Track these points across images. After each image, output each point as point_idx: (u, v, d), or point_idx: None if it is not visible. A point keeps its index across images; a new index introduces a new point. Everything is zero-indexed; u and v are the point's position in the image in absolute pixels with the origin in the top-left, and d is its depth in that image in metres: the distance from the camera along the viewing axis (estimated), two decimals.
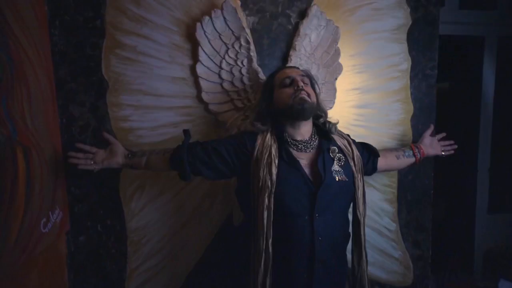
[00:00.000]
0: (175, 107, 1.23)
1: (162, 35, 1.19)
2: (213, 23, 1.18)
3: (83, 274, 1.20)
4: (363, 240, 1.01)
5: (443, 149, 1.28)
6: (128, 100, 1.19)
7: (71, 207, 1.17)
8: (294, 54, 1.26)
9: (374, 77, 1.38)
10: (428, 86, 1.43)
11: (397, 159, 1.19)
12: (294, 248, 0.90)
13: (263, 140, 0.95)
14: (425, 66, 1.42)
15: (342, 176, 0.94)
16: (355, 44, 1.35)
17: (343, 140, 1.03)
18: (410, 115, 1.43)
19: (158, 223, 1.25)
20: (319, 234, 0.89)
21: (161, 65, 1.20)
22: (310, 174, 0.93)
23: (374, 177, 1.41)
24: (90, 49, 1.15)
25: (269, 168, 0.90)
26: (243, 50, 1.21)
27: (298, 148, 0.96)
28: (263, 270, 0.89)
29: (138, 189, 1.23)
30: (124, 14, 1.16)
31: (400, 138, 1.42)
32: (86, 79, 1.15)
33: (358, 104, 1.38)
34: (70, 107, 1.15)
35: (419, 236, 1.49)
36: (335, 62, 1.31)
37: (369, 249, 1.41)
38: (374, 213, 1.44)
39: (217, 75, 1.23)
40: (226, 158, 0.96)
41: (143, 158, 1.03)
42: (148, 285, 1.26)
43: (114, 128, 1.19)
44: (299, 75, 0.98)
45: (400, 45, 1.40)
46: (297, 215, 0.90)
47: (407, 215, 1.47)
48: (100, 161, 1.02)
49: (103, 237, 1.21)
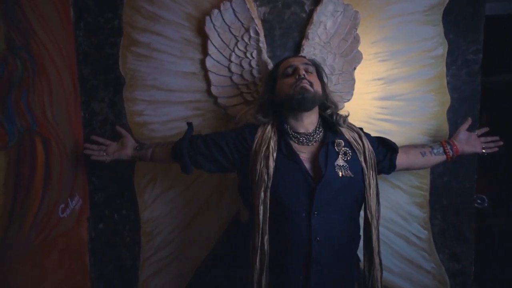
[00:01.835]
0: (185, 101, 1.25)
1: (173, 31, 1.22)
2: (222, 16, 1.17)
3: (101, 259, 1.29)
4: (375, 244, 0.90)
5: (484, 146, 1.08)
6: (142, 95, 1.24)
7: (92, 196, 1.26)
8: (306, 44, 1.18)
9: (401, 65, 1.24)
10: (469, 74, 1.23)
11: (422, 157, 1.03)
12: (290, 246, 0.84)
13: (263, 133, 0.91)
14: (466, 50, 1.23)
15: (347, 171, 0.84)
16: (378, 29, 1.22)
17: (353, 133, 0.93)
18: (446, 107, 1.24)
19: (169, 216, 1.28)
20: (317, 233, 0.81)
21: (173, 60, 1.23)
22: (310, 168, 0.86)
23: (400, 177, 1.26)
24: (109, 48, 1.22)
25: (266, 161, 0.85)
26: (252, 42, 1.18)
27: (299, 141, 0.90)
28: (258, 268, 0.85)
29: (151, 181, 1.27)
30: (139, 13, 1.21)
31: (434, 134, 1.25)
32: (105, 76, 1.23)
33: (381, 95, 1.25)
34: (91, 103, 1.24)
35: (457, 247, 1.29)
36: (354, 50, 1.20)
37: (394, 258, 1.29)
38: (401, 218, 1.29)
39: (226, 69, 1.21)
40: (226, 151, 0.93)
41: (149, 150, 1.06)
42: (159, 276, 1.30)
43: (129, 122, 1.25)
44: (302, 64, 0.91)
45: (434, 28, 1.22)
46: (294, 211, 0.83)
47: (442, 223, 1.29)
48: (111, 152, 1.08)
49: (119, 226, 1.28)
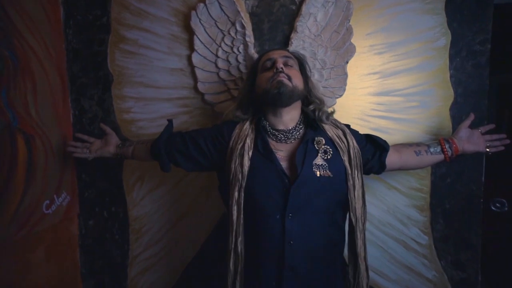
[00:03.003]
0: (173, 98, 1.23)
1: (161, 27, 1.20)
2: (208, 10, 1.14)
3: (92, 255, 1.30)
4: (360, 250, 0.84)
5: (488, 145, 0.98)
6: (130, 92, 1.24)
7: (82, 193, 1.27)
8: (295, 37, 1.13)
9: (399, 58, 1.15)
10: (476, 66, 1.13)
11: (416, 156, 0.95)
12: (263, 250, 0.79)
13: (240, 130, 0.87)
14: (471, 41, 1.13)
15: (325, 171, 0.79)
16: (373, 20, 1.15)
17: (337, 131, 0.87)
18: (449, 103, 1.15)
19: (157, 214, 1.27)
20: (291, 236, 0.76)
21: (160, 57, 1.22)
22: (287, 167, 0.81)
23: (397, 178, 1.18)
24: (97, 45, 1.23)
25: (241, 160, 0.81)
26: (239, 36, 1.14)
27: (277, 138, 0.85)
28: (232, 272, 0.81)
29: (139, 179, 1.26)
30: (127, 9, 1.21)
31: (436, 132, 1.15)
32: (94, 73, 1.24)
33: (377, 91, 1.17)
34: (81, 101, 1.25)
35: (462, 254, 1.19)
36: (347, 43, 1.13)
37: (391, 264, 1.21)
38: (398, 221, 1.21)
39: (213, 64, 1.18)
40: (204, 148, 0.90)
41: (130, 148, 1.05)
42: (148, 273, 1.29)
43: (118, 120, 1.25)
44: (281, 56, 0.86)
45: (436, 17, 1.13)
46: (268, 213, 0.79)
47: (444, 228, 1.19)
48: (95, 150, 1.08)
49: (109, 223, 1.28)
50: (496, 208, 1.68)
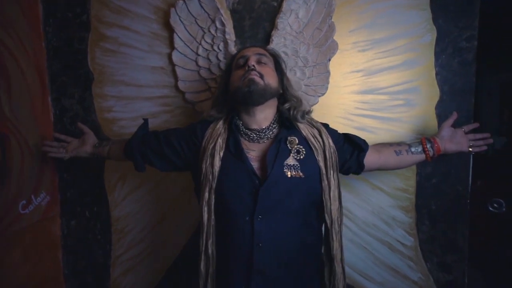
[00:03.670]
0: (154, 97, 1.21)
1: (141, 25, 1.18)
2: (188, 7, 1.12)
3: (74, 255, 1.29)
4: (336, 252, 0.81)
5: (472, 144, 0.95)
6: (111, 91, 1.22)
7: (64, 192, 1.26)
8: (276, 34, 1.10)
9: (383, 55, 1.12)
10: (462, 63, 1.10)
11: (397, 156, 0.92)
12: (233, 252, 0.77)
13: (213, 129, 0.85)
14: (458, 37, 1.09)
15: (297, 171, 0.76)
16: (356, 16, 1.12)
17: (313, 130, 0.84)
18: (434, 101, 1.12)
19: (139, 214, 1.26)
20: (260, 239, 0.74)
21: (141, 55, 1.20)
22: (258, 168, 0.79)
23: (381, 178, 1.16)
24: (77, 44, 1.21)
25: (211, 160, 0.79)
26: (219, 34, 1.12)
27: (250, 138, 0.83)
28: (204, 274, 0.80)
29: (120, 179, 1.25)
30: (106, 7, 1.19)
31: (421, 131, 1.12)
32: (74, 72, 1.22)
33: (361, 89, 1.14)
34: (62, 100, 1.24)
35: (448, 256, 1.16)
36: (329, 40, 1.11)
37: (376, 266, 1.19)
38: (383, 223, 1.18)
39: (194, 63, 1.16)
40: (177, 148, 0.89)
41: (106, 148, 1.03)
42: (130, 274, 1.28)
43: (99, 119, 1.23)
44: (254, 54, 0.84)
45: (421, 13, 1.10)
46: (238, 214, 0.77)
47: (430, 229, 1.17)
48: (71, 149, 1.06)
49: (91, 223, 1.27)
50: (494, 208, 1.65)
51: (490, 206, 1.66)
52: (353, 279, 1.20)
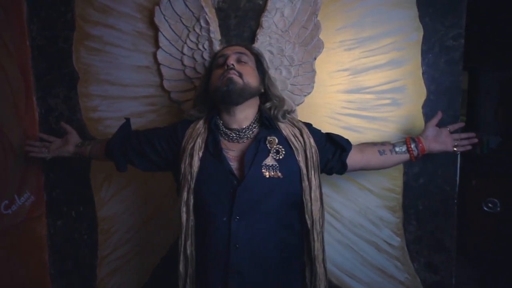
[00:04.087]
0: (140, 96, 1.21)
1: (126, 23, 1.18)
2: (172, 5, 1.11)
3: (61, 256, 1.28)
4: (317, 252, 0.81)
5: (456, 144, 0.94)
6: (96, 90, 1.22)
7: (50, 192, 1.26)
8: (261, 33, 1.09)
9: (369, 54, 1.11)
10: (449, 62, 1.09)
11: (380, 155, 0.91)
12: (210, 253, 0.77)
13: (193, 129, 0.84)
14: (444, 36, 1.08)
15: (275, 172, 0.76)
16: (343, 15, 1.11)
17: (294, 129, 0.84)
18: (421, 100, 1.11)
19: (126, 214, 1.25)
20: (237, 240, 0.74)
21: (126, 54, 1.19)
22: (237, 168, 0.78)
23: (369, 178, 1.15)
24: (62, 42, 1.20)
25: (190, 160, 0.78)
26: (204, 33, 1.11)
27: (229, 137, 0.82)
28: (182, 275, 0.79)
29: (106, 179, 1.24)
30: (91, 6, 1.18)
31: (408, 130, 1.11)
32: (59, 71, 1.21)
33: (347, 88, 1.13)
34: (47, 99, 1.23)
35: (435, 257, 1.16)
36: (315, 39, 1.10)
37: (363, 266, 1.19)
38: (370, 223, 1.17)
39: (179, 62, 1.15)
40: (158, 147, 0.88)
41: (88, 147, 1.03)
42: (117, 274, 1.28)
43: (84, 118, 1.22)
44: (234, 52, 0.83)
45: (407, 11, 1.09)
46: (215, 215, 0.76)
47: (417, 229, 1.16)
48: (54, 149, 1.06)
49: (77, 223, 1.27)
50: (489, 208, 1.64)
51: (485, 206, 1.65)
52: (340, 279, 1.19)
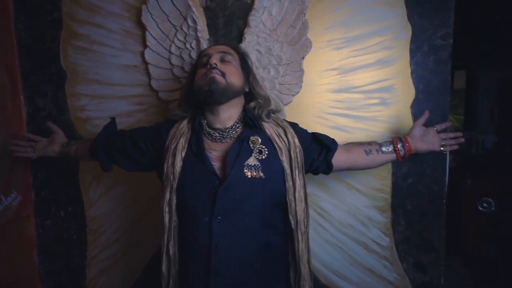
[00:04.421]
0: (128, 96, 1.20)
1: (113, 22, 1.17)
2: (160, 4, 1.10)
3: (50, 256, 1.28)
4: (302, 253, 0.80)
5: (443, 143, 0.94)
6: (84, 89, 1.21)
7: (38, 192, 1.25)
8: (248, 32, 1.09)
9: (358, 53, 1.11)
10: (437, 62, 1.08)
11: (366, 155, 0.91)
12: (192, 254, 0.77)
13: (177, 128, 0.83)
14: (433, 35, 1.08)
15: (257, 172, 0.75)
16: (331, 13, 1.10)
17: (278, 129, 0.83)
18: (410, 100, 1.10)
19: (114, 214, 1.25)
20: (218, 240, 0.73)
21: (114, 53, 1.18)
22: (220, 168, 0.78)
23: (357, 178, 1.14)
24: (50, 41, 1.20)
25: (173, 160, 0.78)
26: (191, 32, 1.10)
27: (212, 137, 0.81)
28: (166, 275, 0.79)
29: (95, 179, 1.24)
30: (78, 4, 1.17)
31: (396, 130, 1.11)
32: (47, 70, 1.21)
33: (335, 87, 1.13)
34: (35, 99, 1.22)
35: (424, 257, 1.15)
36: (303, 38, 1.09)
37: (352, 266, 1.18)
38: (359, 223, 1.17)
39: (167, 61, 1.15)
40: (142, 147, 0.87)
41: (73, 147, 1.02)
42: (106, 274, 1.27)
43: (72, 118, 1.22)
44: (218, 52, 0.82)
45: (395, 10, 1.08)
46: (197, 215, 0.76)
47: (406, 229, 1.15)
48: (40, 149, 1.05)
49: (66, 223, 1.26)
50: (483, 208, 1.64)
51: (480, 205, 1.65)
52: (329, 279, 1.19)
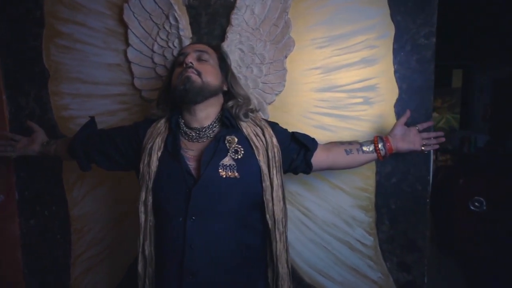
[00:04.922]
0: (111, 94, 1.19)
1: (96, 21, 1.16)
2: (141, 2, 1.10)
3: (34, 255, 1.27)
4: (280, 253, 0.80)
5: (424, 143, 0.94)
6: (68, 88, 1.20)
7: (22, 192, 1.25)
8: (230, 30, 1.08)
9: (341, 52, 1.10)
10: (421, 61, 1.08)
11: (347, 155, 0.90)
12: (166, 254, 0.76)
13: (154, 128, 0.83)
14: (416, 34, 1.07)
15: (232, 172, 0.75)
16: (315, 12, 1.10)
17: (256, 128, 0.83)
18: (393, 99, 1.10)
19: (99, 213, 1.24)
20: (192, 240, 0.73)
21: (97, 52, 1.17)
22: (195, 168, 0.77)
23: (341, 177, 1.14)
24: (32, 40, 1.19)
25: (149, 159, 0.77)
26: (173, 30, 1.10)
27: (189, 137, 0.81)
28: (142, 275, 0.79)
29: (79, 178, 1.23)
30: (60, 2, 1.16)
31: (380, 129, 1.11)
32: (30, 69, 1.20)
33: (319, 86, 1.12)
34: (18, 98, 1.21)
35: (408, 256, 1.15)
36: (285, 37, 1.09)
37: (336, 265, 1.18)
38: (343, 222, 1.17)
39: (150, 60, 1.14)
40: (120, 147, 0.87)
41: (53, 146, 1.01)
42: (91, 273, 1.27)
43: (56, 117, 1.21)
44: (194, 51, 0.82)
45: (379, 9, 1.08)
46: (172, 215, 0.75)
47: (390, 229, 1.15)
48: (20, 148, 1.04)
49: (50, 223, 1.26)
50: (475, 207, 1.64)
51: (471, 205, 1.65)
52: (313, 279, 1.19)
